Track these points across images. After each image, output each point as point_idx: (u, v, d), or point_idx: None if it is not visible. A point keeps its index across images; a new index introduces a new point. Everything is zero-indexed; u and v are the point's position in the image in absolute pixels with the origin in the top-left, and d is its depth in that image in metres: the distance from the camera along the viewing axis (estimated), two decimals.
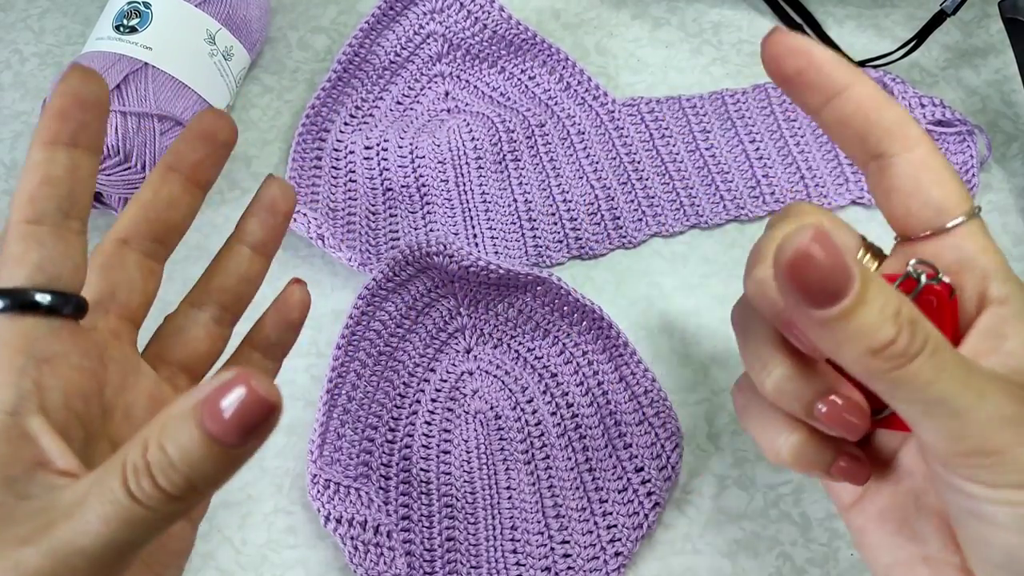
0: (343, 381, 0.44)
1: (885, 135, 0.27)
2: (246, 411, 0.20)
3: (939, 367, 0.23)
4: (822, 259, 0.21)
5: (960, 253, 0.27)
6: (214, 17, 0.50)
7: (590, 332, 0.44)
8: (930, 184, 0.27)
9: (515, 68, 0.54)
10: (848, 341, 0.23)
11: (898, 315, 0.23)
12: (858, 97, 0.27)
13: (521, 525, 0.42)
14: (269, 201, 0.32)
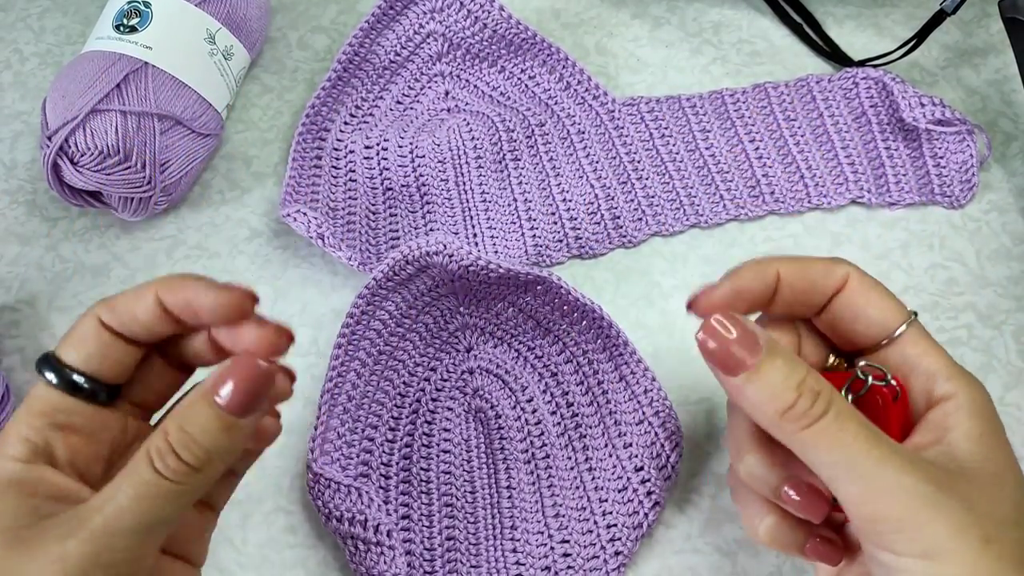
0: (343, 381, 0.43)
1: (817, 283, 0.31)
2: (252, 381, 0.27)
3: (842, 431, 0.27)
4: (723, 338, 0.28)
5: (905, 359, 0.31)
6: (214, 17, 0.50)
7: (590, 331, 0.44)
8: (866, 307, 0.31)
9: (515, 68, 0.54)
10: (759, 404, 0.28)
11: (801, 383, 0.27)
12: (783, 278, 0.31)
13: (521, 525, 0.42)
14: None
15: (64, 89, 0.47)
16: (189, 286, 0.29)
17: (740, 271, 0.31)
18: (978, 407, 0.29)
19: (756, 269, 0.31)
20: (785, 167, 0.51)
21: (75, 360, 0.28)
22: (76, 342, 0.29)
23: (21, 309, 0.48)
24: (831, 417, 0.27)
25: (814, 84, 0.53)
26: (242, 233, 0.50)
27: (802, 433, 0.27)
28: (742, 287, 0.31)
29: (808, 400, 0.27)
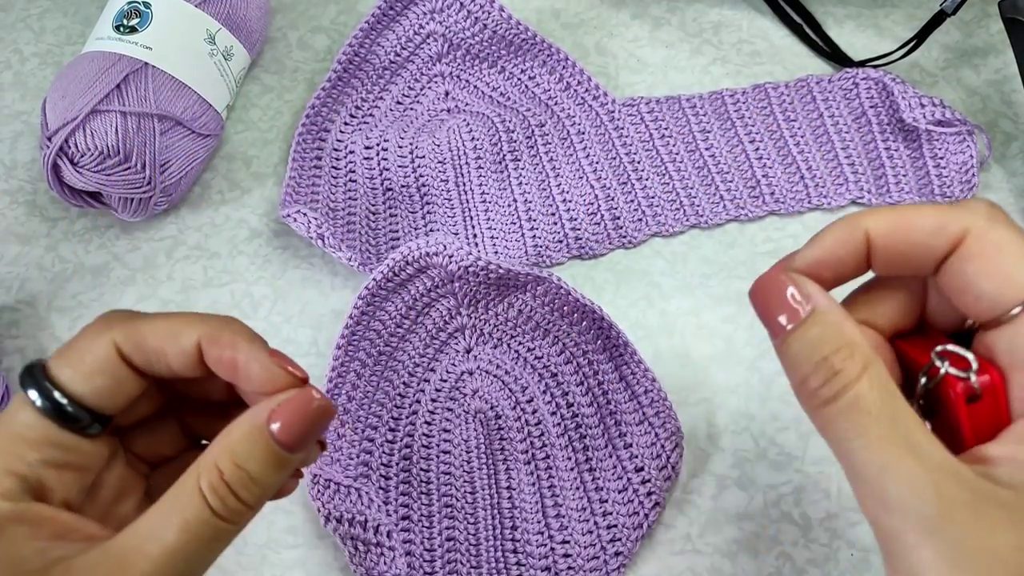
0: (343, 381, 0.44)
1: (919, 251, 0.25)
2: (309, 418, 0.25)
3: (854, 424, 0.24)
4: (767, 295, 0.25)
5: (1014, 349, 0.24)
6: (214, 17, 0.50)
7: (590, 332, 0.44)
8: (977, 276, 0.24)
9: (515, 68, 0.54)
10: (786, 368, 0.25)
11: (823, 360, 0.24)
12: (875, 240, 0.26)
13: (521, 525, 0.42)
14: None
15: (64, 89, 0.47)
16: (240, 348, 0.26)
17: (823, 235, 0.26)
18: None
19: (840, 232, 0.26)
20: (785, 167, 0.51)
21: (78, 388, 0.25)
22: (81, 367, 0.26)
23: (21, 309, 0.48)
24: (841, 405, 0.24)
25: (814, 84, 0.53)
26: (242, 233, 0.50)
27: (813, 413, 0.25)
28: (822, 257, 0.26)
29: (820, 378, 0.24)
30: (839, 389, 0.24)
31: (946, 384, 0.25)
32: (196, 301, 0.48)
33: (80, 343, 0.26)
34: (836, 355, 0.24)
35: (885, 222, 0.25)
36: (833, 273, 0.26)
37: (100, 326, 0.26)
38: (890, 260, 0.26)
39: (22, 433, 0.25)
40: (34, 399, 0.25)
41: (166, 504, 0.25)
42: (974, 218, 0.25)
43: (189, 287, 0.49)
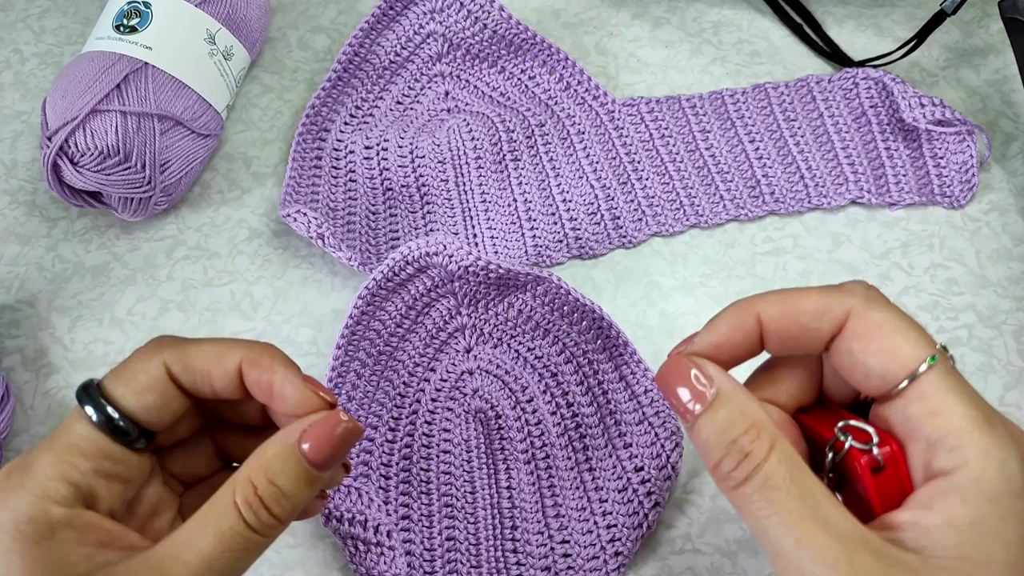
0: (343, 381, 0.43)
1: (815, 333, 0.27)
2: (337, 439, 0.27)
3: (767, 501, 0.24)
4: (672, 379, 0.27)
5: (906, 420, 0.25)
6: (214, 17, 0.50)
7: (590, 332, 0.44)
8: (863, 354, 0.26)
9: (515, 68, 0.54)
10: (700, 453, 0.26)
11: (733, 443, 0.25)
12: (766, 324, 0.27)
13: (521, 525, 0.42)
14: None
15: (64, 89, 0.47)
16: (277, 371, 0.28)
17: (717, 320, 0.28)
18: (984, 487, 0.24)
19: (733, 318, 0.28)
20: (785, 167, 0.51)
21: (130, 404, 0.28)
22: (133, 384, 0.28)
23: (21, 309, 0.48)
24: (754, 485, 0.25)
25: (814, 84, 0.53)
26: (242, 233, 0.50)
27: (730, 494, 0.25)
28: (718, 341, 0.28)
29: (732, 461, 0.25)
30: (751, 470, 0.25)
31: (851, 457, 0.26)
32: (196, 301, 0.48)
33: (133, 363, 0.28)
34: (744, 437, 0.25)
35: (774, 307, 0.27)
36: (730, 355, 0.28)
37: (152, 348, 0.29)
38: (782, 342, 0.28)
39: (77, 444, 0.27)
40: (90, 414, 0.27)
41: (203, 517, 0.27)
42: (853, 300, 0.26)
43: (189, 287, 0.49)
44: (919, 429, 0.25)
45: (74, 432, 0.27)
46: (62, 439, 0.27)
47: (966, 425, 0.24)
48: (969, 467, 0.24)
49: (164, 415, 0.28)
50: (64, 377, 0.46)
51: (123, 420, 0.27)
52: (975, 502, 0.24)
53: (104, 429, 0.27)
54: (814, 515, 0.24)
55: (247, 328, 0.47)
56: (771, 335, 0.28)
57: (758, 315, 0.27)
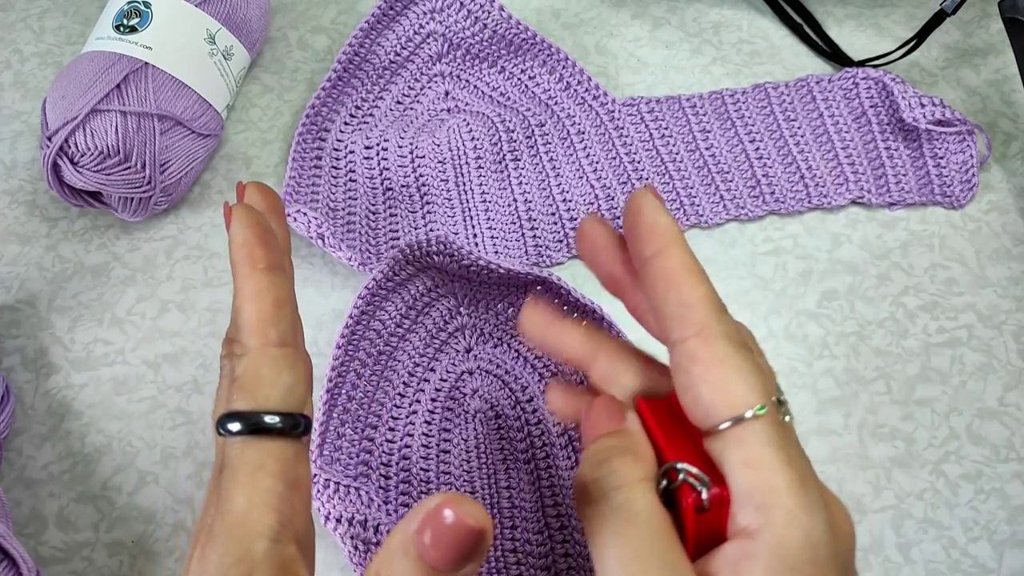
0: (343, 381, 0.44)
1: (669, 317, 0.25)
2: (456, 538, 0.21)
3: (616, 534, 0.23)
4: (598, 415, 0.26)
5: (723, 463, 0.24)
6: (214, 17, 0.50)
7: None
8: (698, 380, 0.24)
9: (515, 68, 0.54)
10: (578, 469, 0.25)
11: (606, 460, 0.24)
12: (658, 268, 0.25)
13: (521, 525, 0.42)
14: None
15: (64, 89, 0.47)
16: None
17: (651, 214, 0.26)
18: (785, 555, 0.22)
19: (660, 228, 0.26)
20: (785, 167, 0.51)
21: (271, 396, 0.25)
22: (268, 383, 0.26)
23: (21, 309, 0.48)
24: (608, 506, 0.23)
25: (814, 84, 0.53)
26: None
27: (581, 510, 0.24)
28: (642, 225, 0.26)
29: (595, 472, 0.24)
30: (610, 489, 0.24)
31: (681, 491, 0.24)
32: (196, 301, 0.48)
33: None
34: (620, 459, 0.24)
35: (666, 261, 0.26)
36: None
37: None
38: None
39: (264, 465, 0.25)
40: (238, 429, 0.25)
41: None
42: (713, 324, 0.25)
43: (189, 287, 0.49)
44: (731, 476, 0.24)
45: (246, 460, 0.25)
46: (240, 473, 0.25)
47: (778, 482, 0.23)
48: (773, 530, 0.23)
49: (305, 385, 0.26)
50: (64, 377, 0.46)
51: (273, 415, 0.25)
52: (776, 570, 0.22)
53: (249, 432, 0.25)
54: (658, 561, 0.23)
55: None
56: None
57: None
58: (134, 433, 0.44)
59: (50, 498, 0.43)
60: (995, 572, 0.40)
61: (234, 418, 0.25)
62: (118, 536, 0.42)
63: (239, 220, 0.27)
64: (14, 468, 0.44)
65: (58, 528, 0.42)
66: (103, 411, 0.45)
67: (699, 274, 0.25)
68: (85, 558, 0.42)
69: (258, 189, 0.29)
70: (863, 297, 0.47)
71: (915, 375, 0.45)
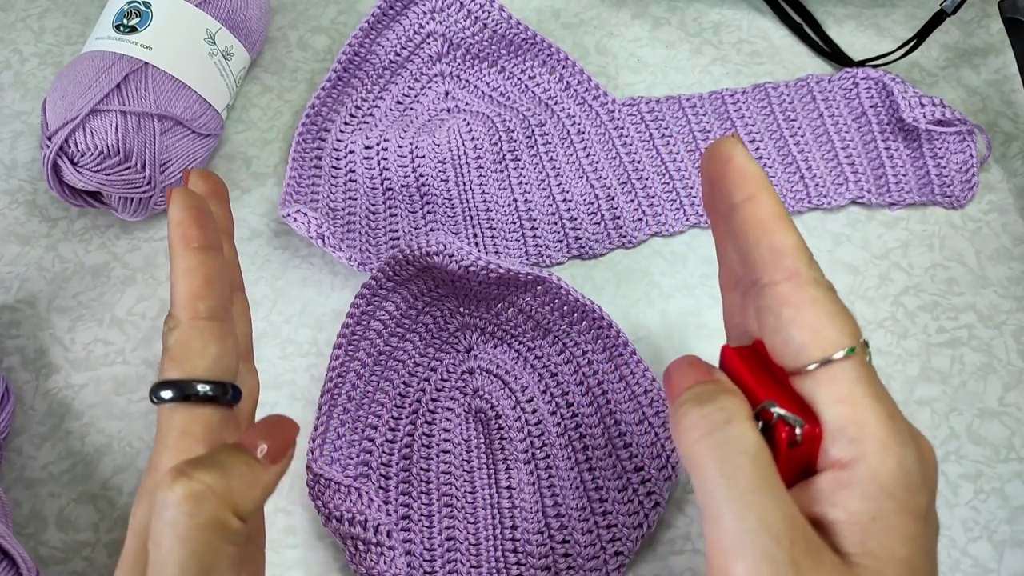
0: (343, 381, 0.43)
1: (759, 261, 0.26)
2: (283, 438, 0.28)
3: (728, 464, 0.24)
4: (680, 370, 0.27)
5: (814, 402, 0.25)
6: (214, 17, 0.50)
7: (590, 332, 0.44)
8: (790, 323, 0.25)
9: (515, 68, 0.54)
10: (672, 412, 0.26)
11: (709, 397, 0.25)
12: (749, 214, 0.26)
13: (521, 525, 0.42)
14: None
15: (64, 89, 0.47)
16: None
17: (742, 161, 0.27)
18: (882, 482, 0.24)
19: (750, 175, 0.26)
20: (785, 167, 0.51)
21: (201, 365, 0.28)
22: (195, 353, 0.28)
23: (21, 309, 0.48)
24: (718, 439, 0.24)
25: (814, 84, 0.53)
26: (242, 233, 0.50)
27: (689, 446, 0.25)
28: (734, 170, 0.26)
29: (702, 409, 0.25)
30: (721, 423, 0.25)
31: (775, 427, 0.25)
32: None
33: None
34: (724, 396, 0.25)
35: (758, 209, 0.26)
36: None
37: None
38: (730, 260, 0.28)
39: (188, 430, 0.28)
40: (171, 396, 0.28)
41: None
42: (802, 269, 0.25)
43: None
44: (824, 412, 0.25)
45: (174, 425, 0.27)
46: (168, 437, 0.27)
47: (868, 417, 0.24)
48: (867, 461, 0.24)
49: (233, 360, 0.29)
50: (64, 377, 0.46)
51: (202, 383, 0.27)
52: (875, 498, 0.24)
53: (180, 399, 0.27)
54: (770, 490, 0.24)
55: None
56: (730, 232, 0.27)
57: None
58: (134, 433, 0.44)
59: (50, 498, 0.43)
60: (995, 572, 0.40)
61: (166, 386, 0.27)
62: (118, 536, 0.42)
63: (176, 203, 0.29)
64: (14, 468, 0.44)
65: (58, 528, 0.42)
66: (103, 411, 0.45)
67: (789, 222, 0.26)
68: (85, 558, 0.42)
69: (200, 175, 0.32)
70: (863, 297, 0.47)
71: (915, 375, 0.45)
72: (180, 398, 0.27)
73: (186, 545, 0.25)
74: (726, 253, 0.29)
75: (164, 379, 0.28)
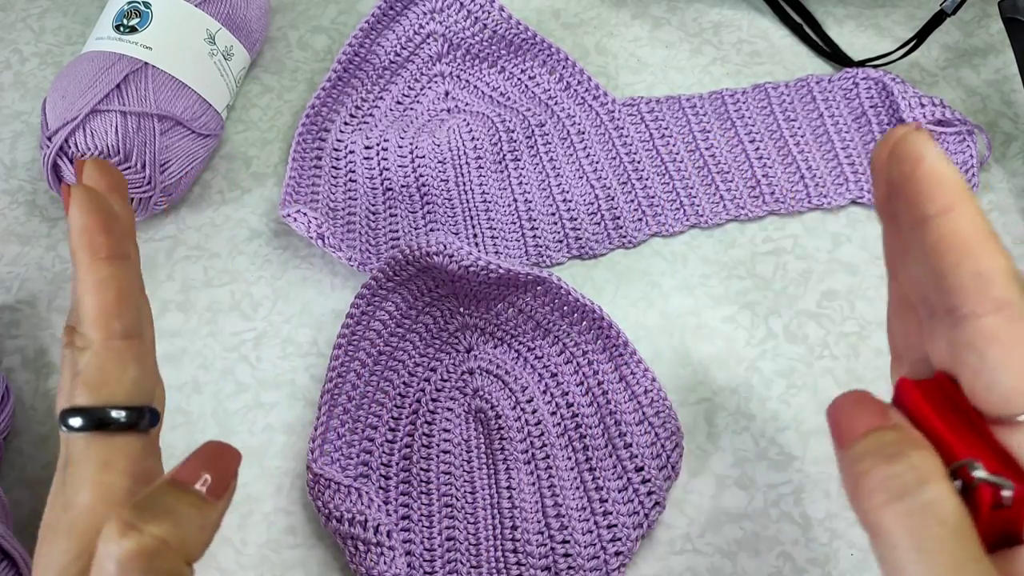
0: (343, 381, 0.43)
1: (959, 288, 0.22)
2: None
3: (927, 537, 0.21)
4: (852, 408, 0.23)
5: (1021, 456, 0.21)
6: (214, 17, 0.50)
7: (590, 332, 0.44)
8: (998, 364, 0.21)
9: (515, 68, 0.54)
10: (845, 467, 0.23)
11: (898, 454, 0.21)
12: (946, 230, 0.22)
13: (521, 525, 0.42)
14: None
15: (64, 89, 0.47)
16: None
17: (937, 164, 0.22)
18: None
19: (949, 182, 0.22)
20: (785, 167, 0.51)
21: (121, 396, 0.25)
22: (114, 379, 0.26)
23: (21, 309, 0.48)
24: (910, 504, 0.21)
25: (814, 84, 0.53)
26: (242, 233, 0.50)
27: (870, 513, 0.21)
28: (928, 176, 0.22)
29: (888, 470, 0.21)
30: (911, 486, 0.21)
31: (978, 489, 0.21)
32: (196, 301, 0.48)
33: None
34: (915, 452, 0.21)
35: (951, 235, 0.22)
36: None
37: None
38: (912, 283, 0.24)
39: (110, 462, 0.26)
40: (79, 425, 0.25)
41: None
42: (1015, 298, 0.21)
43: (189, 287, 0.49)
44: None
45: (91, 456, 0.25)
46: (85, 471, 0.25)
47: None
48: None
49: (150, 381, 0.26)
50: None
51: (119, 409, 0.25)
52: None
53: (92, 428, 0.25)
54: (974, 568, 0.20)
55: (247, 328, 0.47)
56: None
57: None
58: None
59: None
60: None
61: (76, 413, 0.25)
62: None
63: (78, 205, 0.26)
64: (14, 468, 0.44)
65: None
66: None
67: (997, 242, 0.22)
68: None
69: (97, 166, 0.28)
70: (863, 297, 0.47)
71: None
72: (94, 427, 0.25)
73: None
74: (906, 268, 0.24)
75: (75, 405, 0.25)
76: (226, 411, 0.45)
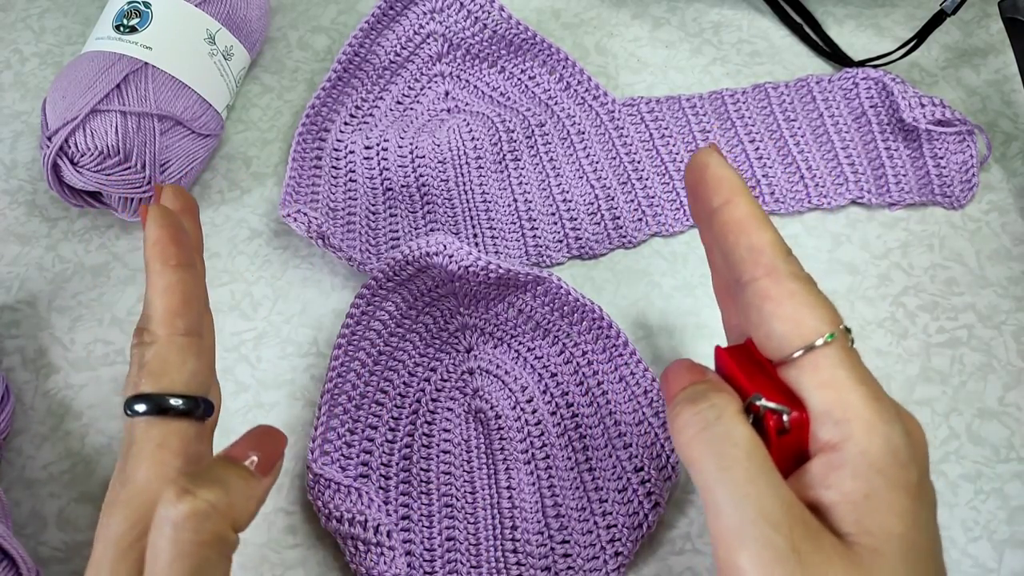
0: (343, 381, 0.44)
1: (740, 261, 0.27)
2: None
3: (723, 456, 0.25)
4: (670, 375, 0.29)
5: (800, 389, 0.26)
6: (214, 17, 0.50)
7: (590, 332, 0.44)
8: (771, 316, 0.26)
9: (515, 68, 0.54)
10: (668, 410, 0.28)
11: (703, 395, 0.27)
12: (727, 216, 0.27)
13: (521, 525, 0.42)
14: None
15: (64, 89, 0.47)
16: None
17: (718, 168, 0.29)
18: (871, 460, 0.24)
19: (727, 180, 0.28)
20: (785, 167, 0.51)
21: (176, 380, 0.29)
22: (175, 367, 0.29)
23: (21, 309, 0.48)
24: (712, 434, 0.26)
25: (814, 84, 0.53)
26: (242, 233, 0.50)
27: (685, 444, 0.26)
28: (711, 177, 0.28)
29: (696, 407, 0.26)
30: (713, 420, 0.26)
31: (764, 418, 0.26)
32: None
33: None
34: (716, 394, 0.27)
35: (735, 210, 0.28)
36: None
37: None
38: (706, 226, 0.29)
39: (165, 443, 0.29)
40: (144, 410, 0.29)
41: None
42: (779, 263, 0.27)
43: None
44: (809, 398, 0.26)
45: (151, 438, 0.28)
46: (144, 450, 0.28)
47: (852, 399, 0.25)
48: (855, 440, 0.25)
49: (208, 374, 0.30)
50: (64, 377, 0.46)
51: (177, 397, 0.28)
52: (865, 476, 0.24)
53: (154, 412, 0.28)
54: (766, 480, 0.25)
55: (247, 328, 0.47)
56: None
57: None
58: None
59: (50, 498, 0.43)
60: (995, 572, 0.40)
61: (141, 400, 0.28)
62: None
63: (154, 220, 0.30)
64: (14, 468, 0.44)
65: (58, 528, 0.42)
66: (103, 411, 0.45)
67: (765, 220, 0.27)
68: (85, 558, 0.41)
69: (173, 191, 0.33)
70: (863, 297, 0.47)
71: (915, 375, 0.45)
72: (155, 411, 0.28)
73: (187, 561, 0.25)
74: (715, 259, 0.31)
75: (139, 392, 0.28)
76: (226, 411, 0.45)
